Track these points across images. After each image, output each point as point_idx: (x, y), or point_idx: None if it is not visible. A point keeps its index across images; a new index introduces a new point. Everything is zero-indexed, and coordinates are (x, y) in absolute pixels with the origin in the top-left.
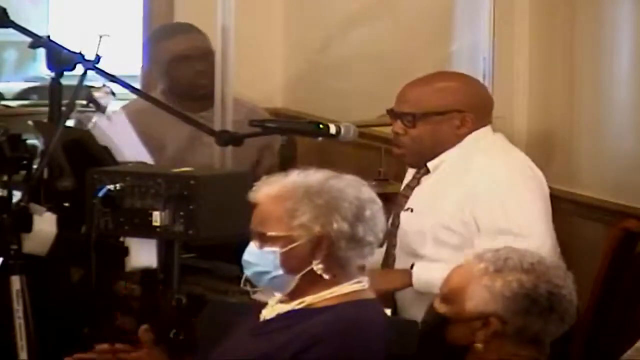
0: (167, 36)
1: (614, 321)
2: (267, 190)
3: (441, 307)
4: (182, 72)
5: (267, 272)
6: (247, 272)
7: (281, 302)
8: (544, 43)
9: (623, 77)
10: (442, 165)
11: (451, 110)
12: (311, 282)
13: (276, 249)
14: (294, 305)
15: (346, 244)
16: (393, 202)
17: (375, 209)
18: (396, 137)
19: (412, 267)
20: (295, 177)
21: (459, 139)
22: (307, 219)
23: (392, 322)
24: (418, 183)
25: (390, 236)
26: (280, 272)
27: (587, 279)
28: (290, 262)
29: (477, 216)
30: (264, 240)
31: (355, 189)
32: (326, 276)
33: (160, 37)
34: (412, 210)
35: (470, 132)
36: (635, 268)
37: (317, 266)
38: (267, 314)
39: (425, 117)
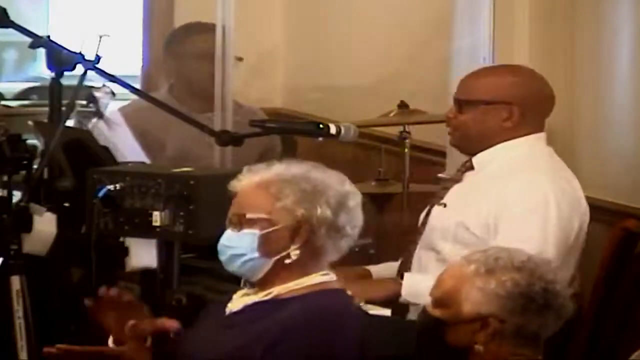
0: (195, 32)
1: (614, 321)
2: (250, 179)
3: (435, 312)
4: (201, 69)
5: (241, 255)
6: (222, 257)
7: (247, 294)
8: (544, 43)
9: (623, 77)
10: (488, 166)
11: (499, 101)
12: (282, 270)
13: (255, 231)
14: (262, 296)
15: (326, 232)
16: (393, 202)
17: (358, 200)
18: (448, 120)
19: (401, 277)
20: (278, 167)
21: (505, 132)
22: (291, 201)
23: (391, 322)
24: (461, 179)
25: (414, 233)
26: (256, 255)
27: (587, 279)
28: (267, 245)
29: (498, 224)
30: (243, 222)
31: (340, 180)
32: (299, 264)
33: (192, 31)
34: (445, 205)
35: (517, 128)
36: (635, 268)
37: (294, 252)
38: (233, 306)
39: (470, 104)
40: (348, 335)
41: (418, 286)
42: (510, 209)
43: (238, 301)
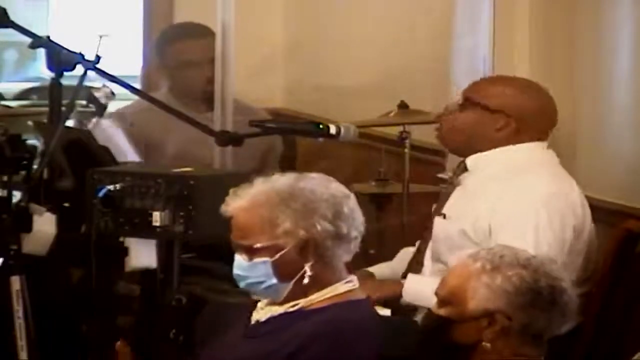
0: (177, 39)
1: (616, 321)
2: (238, 203)
3: (441, 311)
4: (188, 78)
5: (261, 282)
6: (241, 285)
7: (273, 303)
8: (544, 43)
9: (623, 77)
10: (484, 169)
11: (499, 110)
12: (304, 285)
13: (266, 258)
14: (287, 307)
15: (332, 243)
16: (393, 201)
17: (352, 204)
18: (444, 113)
19: (404, 277)
20: (262, 185)
21: (494, 141)
22: (289, 225)
23: (392, 322)
24: (458, 182)
25: (421, 241)
26: (274, 280)
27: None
28: (282, 270)
29: (492, 229)
30: (252, 252)
31: (326, 187)
32: (318, 278)
33: (171, 39)
34: (444, 217)
35: (508, 139)
36: (636, 268)
37: (309, 269)
38: (258, 316)
39: (474, 106)
40: (365, 345)
41: (420, 288)
42: (503, 215)
43: (264, 311)
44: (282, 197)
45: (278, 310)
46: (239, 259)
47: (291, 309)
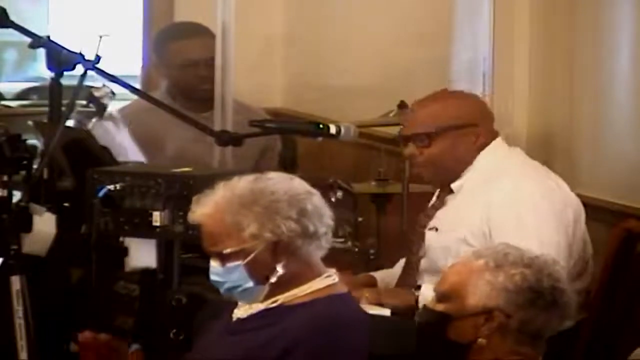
0: (176, 38)
1: (615, 321)
2: (202, 210)
3: (439, 306)
4: (186, 77)
5: (238, 286)
6: (221, 290)
7: (253, 301)
8: (544, 44)
9: (623, 77)
10: (465, 185)
11: (467, 124)
12: (282, 285)
13: (238, 262)
14: (268, 304)
15: (302, 242)
16: (393, 202)
17: (315, 200)
18: (412, 159)
19: (417, 288)
20: (223, 191)
21: (476, 152)
22: (254, 228)
23: (391, 322)
24: (442, 204)
25: (410, 256)
26: (250, 283)
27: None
28: (255, 272)
29: (491, 231)
30: (224, 258)
31: (287, 186)
32: (295, 276)
33: (170, 38)
34: (436, 230)
35: (482, 146)
36: (635, 268)
37: (282, 269)
38: (239, 313)
39: (443, 132)
40: (357, 342)
41: None
42: (501, 217)
43: (244, 308)
44: (243, 202)
45: (259, 307)
46: (213, 265)
47: (272, 305)
